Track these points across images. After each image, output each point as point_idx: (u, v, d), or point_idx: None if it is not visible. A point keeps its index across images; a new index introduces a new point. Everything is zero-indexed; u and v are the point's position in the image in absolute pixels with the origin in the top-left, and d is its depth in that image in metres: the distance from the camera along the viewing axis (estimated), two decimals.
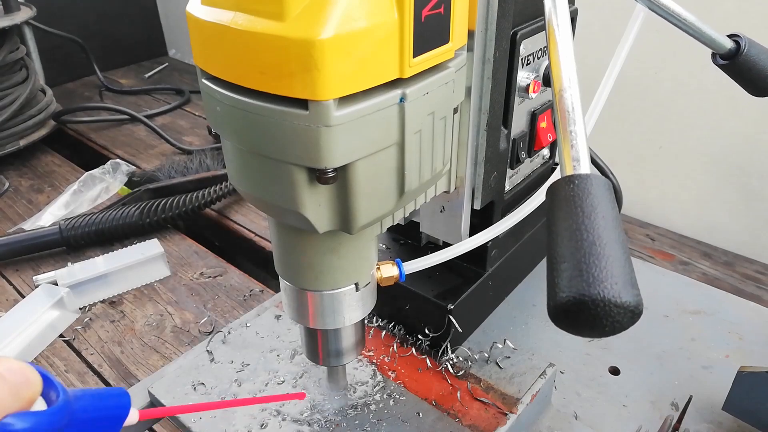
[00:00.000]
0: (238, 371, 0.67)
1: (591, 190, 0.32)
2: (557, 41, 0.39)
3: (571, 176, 0.33)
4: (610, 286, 0.28)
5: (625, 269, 0.29)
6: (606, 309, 0.28)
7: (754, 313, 0.79)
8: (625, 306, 0.29)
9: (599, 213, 0.31)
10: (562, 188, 0.33)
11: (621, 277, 0.29)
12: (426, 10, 0.38)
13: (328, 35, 0.34)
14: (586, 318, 0.29)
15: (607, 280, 0.29)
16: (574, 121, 0.35)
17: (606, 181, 0.33)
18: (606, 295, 0.28)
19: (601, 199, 0.31)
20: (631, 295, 0.29)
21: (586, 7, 0.70)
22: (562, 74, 0.37)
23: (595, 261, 0.29)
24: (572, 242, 0.30)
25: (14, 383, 0.29)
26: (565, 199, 0.32)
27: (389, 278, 0.55)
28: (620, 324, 0.29)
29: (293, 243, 0.48)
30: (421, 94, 0.41)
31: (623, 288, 0.29)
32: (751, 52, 0.60)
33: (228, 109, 0.40)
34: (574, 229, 0.30)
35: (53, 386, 0.31)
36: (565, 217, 0.31)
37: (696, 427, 0.64)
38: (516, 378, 0.64)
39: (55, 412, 0.30)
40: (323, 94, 0.36)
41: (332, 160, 0.39)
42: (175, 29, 2.12)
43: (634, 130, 1.10)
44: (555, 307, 0.30)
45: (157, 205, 1.11)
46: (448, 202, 0.64)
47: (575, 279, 0.29)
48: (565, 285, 0.30)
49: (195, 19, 0.39)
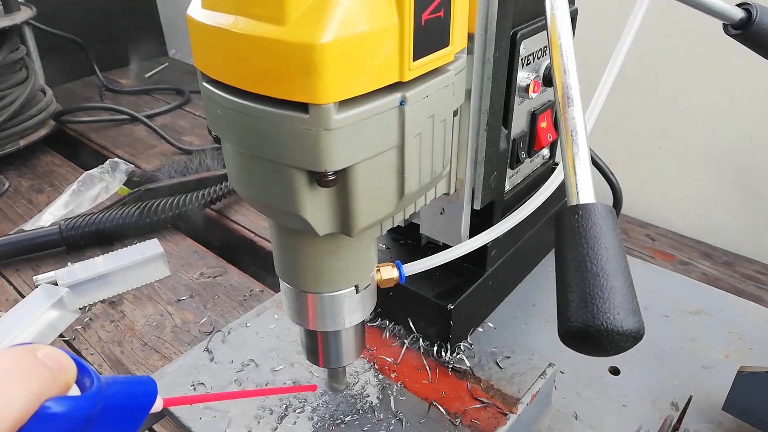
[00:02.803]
0: (238, 371, 0.67)
1: (595, 221, 0.34)
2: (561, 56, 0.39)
3: (575, 206, 0.35)
4: (612, 317, 0.31)
5: (626, 298, 0.32)
6: (609, 337, 0.31)
7: (754, 313, 0.79)
8: (627, 333, 0.31)
9: (602, 244, 0.33)
10: (568, 218, 0.35)
11: (622, 306, 0.32)
12: (426, 13, 0.38)
13: (329, 39, 0.34)
14: (592, 344, 0.32)
15: (609, 311, 0.31)
16: (577, 145, 0.36)
17: (609, 209, 0.35)
18: (609, 326, 0.31)
19: (605, 229, 0.34)
20: (633, 323, 0.32)
21: (586, 7, 0.70)
22: (564, 91, 0.38)
23: (599, 293, 0.32)
24: (578, 273, 0.33)
25: (53, 369, 0.30)
26: (570, 230, 0.35)
27: (389, 280, 0.55)
28: (623, 347, 0.32)
29: (293, 245, 0.48)
30: (421, 97, 0.41)
31: (624, 318, 0.31)
32: (763, 20, 0.59)
33: (228, 112, 0.40)
34: (579, 261, 0.33)
35: (87, 372, 0.32)
36: (572, 248, 0.34)
37: (696, 427, 0.64)
38: (516, 378, 0.64)
39: (90, 397, 0.31)
40: (323, 97, 0.36)
41: (332, 163, 0.39)
42: (175, 29, 2.12)
43: (634, 130, 1.10)
44: (564, 333, 0.34)
45: (157, 205, 1.11)
46: (448, 204, 0.64)
47: (581, 310, 0.32)
48: (573, 314, 0.33)
49: (195, 22, 0.39)
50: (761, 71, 0.92)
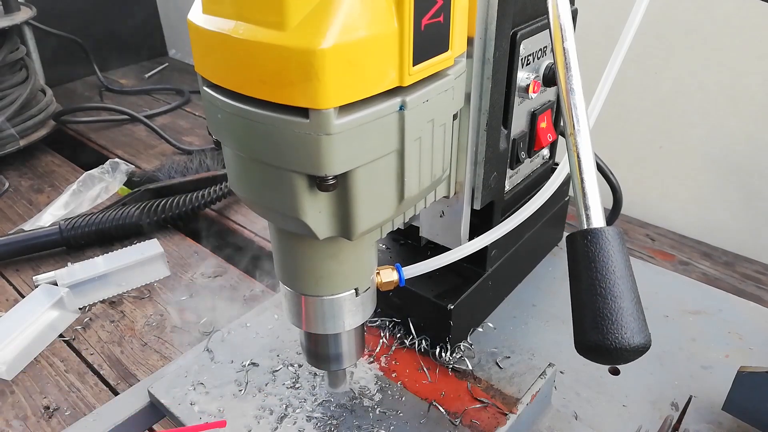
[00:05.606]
0: (237, 371, 0.67)
1: (603, 246, 0.38)
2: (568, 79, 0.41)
3: (585, 231, 0.39)
4: (621, 337, 0.35)
5: (634, 316, 0.36)
6: (618, 353, 0.36)
7: (754, 313, 0.79)
8: (635, 348, 0.36)
9: (610, 268, 0.37)
10: (579, 242, 0.39)
11: (630, 325, 0.36)
12: (426, 18, 0.38)
13: (329, 45, 0.34)
14: (604, 358, 0.37)
15: (618, 331, 0.36)
16: (584, 170, 0.40)
17: (617, 232, 0.39)
18: (618, 345, 0.36)
19: (612, 252, 0.38)
20: (640, 338, 0.36)
21: (586, 7, 0.70)
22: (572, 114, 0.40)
23: (608, 315, 0.36)
24: (590, 295, 0.37)
25: None
26: (582, 254, 0.38)
27: (389, 283, 0.55)
28: (632, 358, 0.36)
29: (293, 249, 0.48)
30: (420, 101, 0.41)
31: (632, 336, 0.35)
32: None
33: (229, 116, 0.40)
34: (590, 283, 0.37)
35: None
36: (584, 270, 0.38)
37: (696, 427, 0.64)
38: (516, 378, 0.64)
39: None
40: (324, 103, 0.36)
41: (332, 168, 0.39)
42: (175, 29, 2.12)
43: (634, 130, 1.10)
44: (579, 347, 0.38)
45: (157, 205, 1.12)
46: (447, 207, 0.64)
47: (593, 330, 0.36)
48: (587, 332, 0.37)
49: (196, 27, 0.39)
50: (761, 71, 0.92)
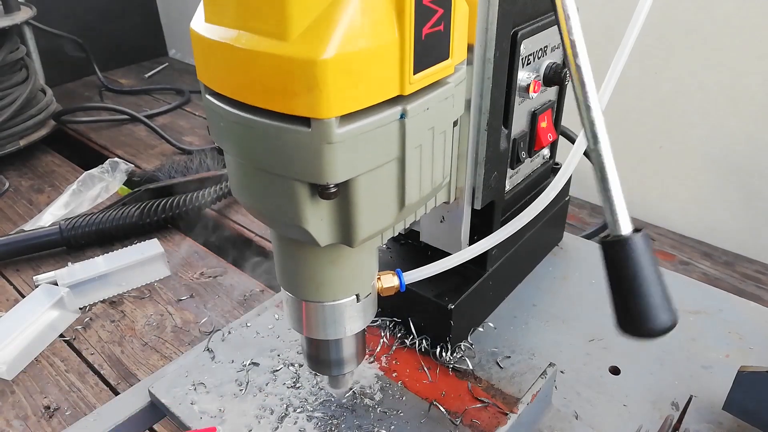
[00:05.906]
0: (238, 371, 0.67)
1: (631, 255, 0.42)
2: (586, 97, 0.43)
3: (614, 241, 0.43)
4: (653, 325, 0.42)
5: (663, 306, 0.42)
6: (649, 335, 0.43)
7: (755, 313, 0.79)
8: (665, 329, 0.42)
9: (639, 273, 0.42)
10: (610, 249, 0.43)
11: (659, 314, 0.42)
12: (426, 27, 0.38)
13: (331, 55, 0.34)
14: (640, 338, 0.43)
15: (651, 321, 0.42)
16: (608, 180, 0.42)
17: (643, 237, 0.43)
18: (651, 333, 0.42)
19: (641, 258, 0.42)
20: (668, 320, 0.42)
21: (586, 7, 0.70)
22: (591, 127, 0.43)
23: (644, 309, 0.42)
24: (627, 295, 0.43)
25: None
26: (612, 261, 0.44)
27: (390, 288, 0.56)
28: (665, 334, 0.42)
29: (294, 255, 0.48)
30: (421, 110, 0.41)
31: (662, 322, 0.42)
32: None
33: (231, 124, 0.40)
34: (626, 285, 0.43)
35: None
36: (618, 274, 0.43)
37: (696, 427, 0.64)
38: (516, 378, 0.64)
39: None
40: (325, 112, 0.36)
41: (334, 176, 0.39)
42: (175, 29, 2.11)
43: (634, 130, 1.10)
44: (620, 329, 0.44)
45: (157, 205, 1.12)
46: (447, 212, 0.64)
47: (631, 323, 0.43)
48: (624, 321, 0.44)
49: (199, 36, 0.39)
50: (761, 71, 0.92)
